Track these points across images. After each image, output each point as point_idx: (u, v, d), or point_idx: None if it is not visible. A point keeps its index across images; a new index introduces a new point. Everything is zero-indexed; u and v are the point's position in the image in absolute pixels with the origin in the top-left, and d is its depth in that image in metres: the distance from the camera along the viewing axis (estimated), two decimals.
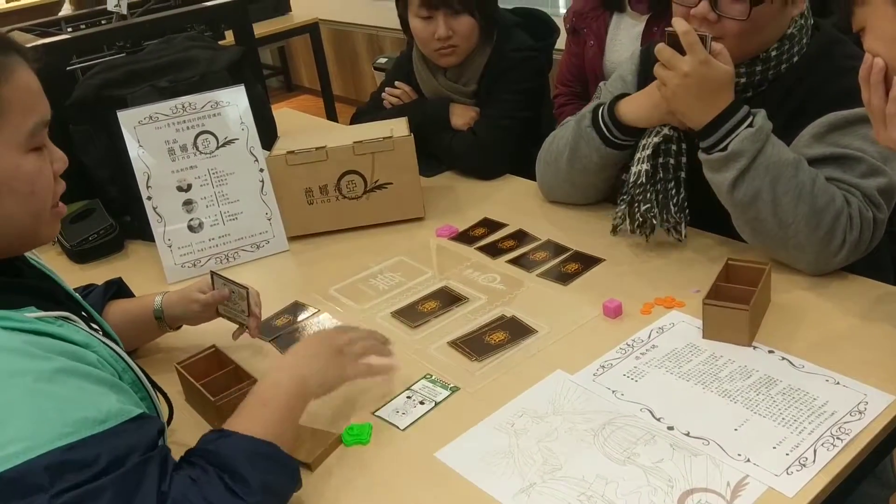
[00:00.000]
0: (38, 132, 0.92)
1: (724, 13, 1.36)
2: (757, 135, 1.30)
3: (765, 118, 1.32)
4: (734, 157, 1.31)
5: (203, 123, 1.67)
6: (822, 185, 1.29)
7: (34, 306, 0.91)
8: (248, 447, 0.95)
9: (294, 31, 4.45)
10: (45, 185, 0.94)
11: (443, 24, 1.88)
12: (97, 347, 0.95)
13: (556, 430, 1.11)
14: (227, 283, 1.32)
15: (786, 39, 1.41)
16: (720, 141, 1.32)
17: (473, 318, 1.39)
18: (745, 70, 1.43)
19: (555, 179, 1.72)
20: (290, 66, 6.52)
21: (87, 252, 1.80)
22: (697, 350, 1.23)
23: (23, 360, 0.83)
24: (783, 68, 1.43)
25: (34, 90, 0.93)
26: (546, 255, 1.56)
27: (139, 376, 1.04)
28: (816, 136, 1.34)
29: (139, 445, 0.86)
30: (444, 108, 1.99)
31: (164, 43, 1.97)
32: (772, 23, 1.38)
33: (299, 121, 2.66)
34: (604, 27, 2.17)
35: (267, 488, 0.92)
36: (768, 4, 1.35)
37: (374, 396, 1.21)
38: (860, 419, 1.05)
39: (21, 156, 0.90)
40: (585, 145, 1.59)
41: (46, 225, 0.97)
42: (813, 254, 1.32)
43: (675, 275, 1.43)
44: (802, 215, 1.29)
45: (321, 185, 1.72)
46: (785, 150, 1.31)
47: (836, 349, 1.19)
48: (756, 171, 1.30)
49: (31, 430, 0.79)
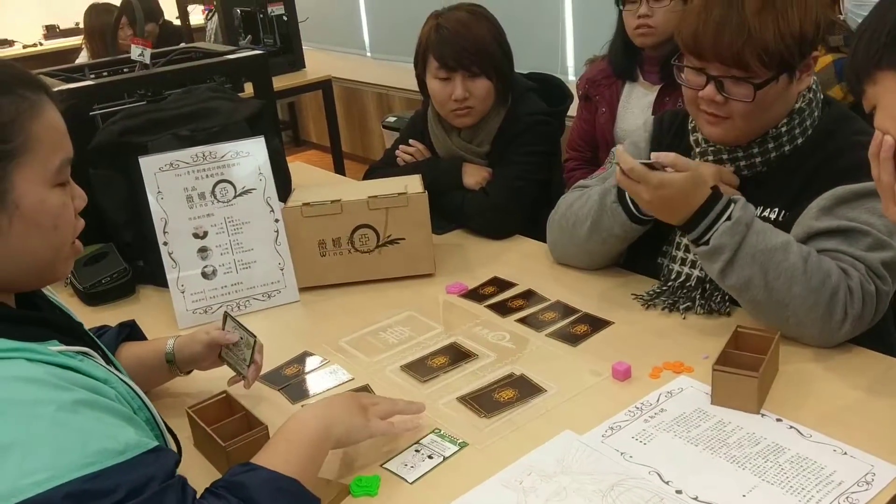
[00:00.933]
0: (64, 169, 0.96)
1: (730, 95, 1.40)
2: (735, 227, 1.33)
3: (744, 207, 1.34)
4: (717, 250, 1.34)
5: (222, 172, 1.70)
6: (815, 263, 1.31)
7: (57, 340, 0.94)
8: (273, 482, 0.97)
9: (308, 87, 4.54)
10: (68, 220, 0.97)
11: (460, 85, 1.93)
12: (115, 384, 0.97)
13: (564, 490, 1.11)
14: (237, 328, 1.33)
15: (795, 114, 1.45)
16: (702, 235, 1.36)
17: (482, 374, 1.40)
18: (757, 150, 1.47)
19: (570, 246, 1.73)
20: (298, 121, 6.62)
21: (100, 295, 1.81)
22: (706, 415, 1.24)
23: (46, 391, 0.85)
24: (799, 143, 1.46)
25: (61, 129, 0.96)
26: (555, 315, 1.58)
27: (154, 415, 1.05)
28: (824, 209, 1.37)
29: (158, 475, 0.88)
30: (456, 167, 2.03)
31: (186, 93, 2.02)
32: (778, 101, 1.42)
33: (312, 175, 2.70)
34: (616, 95, 2.23)
35: None
36: (773, 85, 1.39)
37: (381, 449, 1.22)
38: (867, 490, 1.06)
39: (47, 191, 0.93)
40: (609, 219, 1.61)
41: (64, 261, 1.00)
42: (815, 329, 1.34)
43: (683, 340, 1.45)
44: (798, 296, 1.31)
45: (334, 238, 1.75)
46: (772, 235, 1.34)
47: (842, 420, 1.20)
48: (742, 260, 1.33)
49: (52, 460, 0.81)
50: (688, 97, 1.49)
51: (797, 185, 1.44)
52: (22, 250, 0.93)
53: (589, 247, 1.68)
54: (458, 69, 1.92)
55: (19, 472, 0.80)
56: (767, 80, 1.38)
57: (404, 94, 5.10)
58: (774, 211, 1.47)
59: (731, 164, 1.50)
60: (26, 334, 0.90)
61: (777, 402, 1.25)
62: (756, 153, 1.48)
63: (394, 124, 4.32)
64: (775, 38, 1.34)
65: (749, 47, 1.35)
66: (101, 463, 0.83)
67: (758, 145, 1.47)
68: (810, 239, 1.37)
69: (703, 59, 1.41)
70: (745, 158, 1.49)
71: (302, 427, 1.08)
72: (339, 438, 1.12)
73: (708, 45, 1.38)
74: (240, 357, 1.33)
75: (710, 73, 1.41)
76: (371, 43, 5.96)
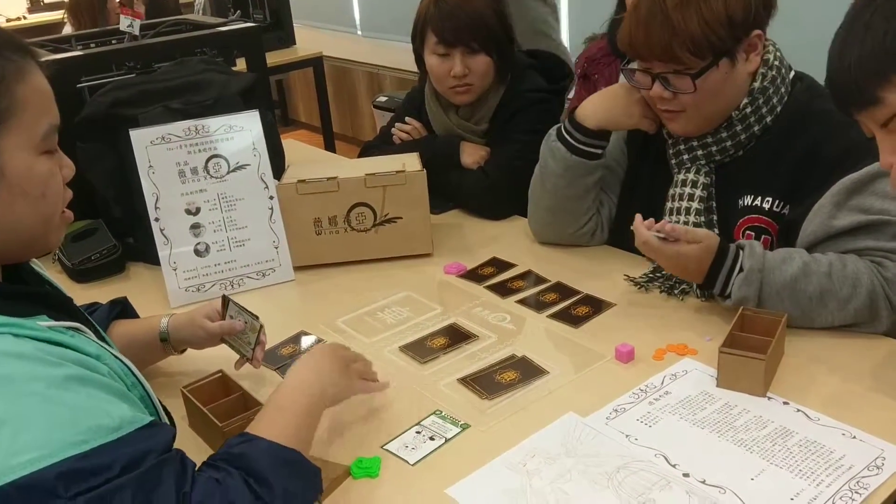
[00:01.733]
0: (51, 135, 0.93)
1: (676, 89, 1.43)
2: (749, 276, 1.32)
3: (751, 255, 1.33)
4: (741, 301, 1.34)
5: (215, 147, 1.66)
6: (839, 272, 1.31)
7: (46, 315, 0.90)
8: (274, 452, 0.95)
9: (298, 63, 4.48)
10: (56, 189, 0.94)
11: (459, 62, 1.89)
12: (108, 360, 0.94)
13: (569, 472, 1.09)
14: (240, 312, 1.30)
15: (757, 94, 1.45)
16: (723, 290, 1.36)
17: (483, 356, 1.38)
18: (726, 134, 1.48)
19: (534, 210, 1.74)
20: (287, 100, 6.54)
21: (88, 272, 1.77)
22: (711, 398, 1.22)
23: (35, 367, 0.82)
24: (768, 121, 1.46)
25: (47, 93, 0.93)
26: (556, 296, 1.55)
27: (148, 392, 1.02)
28: (837, 204, 1.35)
29: (154, 449, 0.85)
30: (454, 146, 1.99)
31: (178, 65, 1.97)
32: (727, 85, 1.43)
33: (306, 152, 2.66)
34: (615, 73, 2.20)
35: (288, 494, 0.92)
36: (714, 71, 1.40)
37: (382, 430, 1.19)
38: (878, 474, 1.04)
39: (34, 158, 0.90)
40: (552, 160, 1.64)
41: (55, 231, 0.97)
42: (869, 328, 1.34)
43: (687, 322, 1.43)
44: (835, 309, 1.32)
45: (330, 216, 1.71)
46: (788, 265, 1.32)
47: (850, 403, 1.18)
48: (770, 300, 1.33)
49: (43, 438, 0.78)
50: (646, 98, 1.52)
51: (788, 173, 1.43)
52: (9, 219, 0.90)
53: (545, 202, 1.70)
54: (457, 45, 1.88)
55: (9, 451, 0.77)
56: (704, 68, 1.39)
57: (395, 74, 5.04)
58: (768, 201, 1.45)
59: (702, 150, 1.51)
60: (13, 309, 0.87)
61: (784, 385, 1.23)
62: (725, 137, 1.49)
63: (385, 104, 4.27)
64: (701, 27, 1.36)
65: (676, 41, 1.37)
66: (94, 440, 0.81)
67: (725, 129, 1.48)
68: (832, 239, 1.36)
69: (643, 59, 1.44)
70: (716, 144, 1.50)
71: (295, 394, 1.07)
72: (332, 399, 1.13)
73: (640, 44, 1.42)
74: (244, 341, 1.30)
75: (654, 72, 1.44)
76: (362, 21, 5.89)
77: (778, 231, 1.45)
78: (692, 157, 1.53)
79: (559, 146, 1.62)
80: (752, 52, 1.43)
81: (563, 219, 1.70)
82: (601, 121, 1.59)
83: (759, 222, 1.46)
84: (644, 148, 1.65)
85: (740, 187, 1.49)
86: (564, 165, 1.62)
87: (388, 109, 4.05)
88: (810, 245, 1.37)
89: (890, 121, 1.02)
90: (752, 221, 1.47)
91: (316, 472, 1.00)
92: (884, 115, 1.02)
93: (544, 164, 1.67)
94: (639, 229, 1.37)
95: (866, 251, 1.34)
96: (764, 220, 1.46)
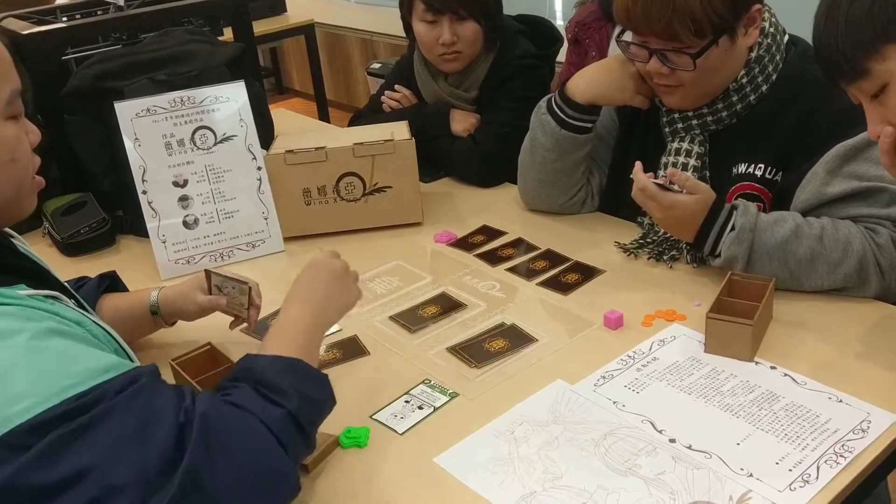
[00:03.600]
0: (14, 100, 0.92)
1: (674, 66, 1.39)
2: (740, 235, 1.31)
3: (744, 213, 1.33)
4: (730, 261, 1.33)
5: (201, 118, 1.64)
6: (831, 235, 1.30)
7: (25, 284, 0.90)
8: (277, 362, 0.97)
9: (289, 31, 4.43)
10: (25, 153, 0.94)
11: (448, 29, 1.87)
12: (89, 326, 0.94)
13: (556, 440, 1.09)
14: (225, 280, 1.30)
15: (753, 64, 1.43)
16: (713, 248, 1.35)
17: (473, 324, 1.38)
18: (722, 104, 1.46)
19: (524, 181, 1.73)
20: (281, 68, 6.49)
21: (78, 245, 1.77)
22: (699, 364, 1.22)
23: (17, 322, 0.82)
24: (764, 90, 1.44)
25: (6, 59, 0.92)
26: (546, 264, 1.55)
27: (132, 358, 1.03)
28: (831, 171, 1.34)
29: (144, 373, 0.86)
30: (444, 113, 1.98)
31: (163, 35, 1.94)
32: (727, 60, 1.40)
33: (296, 122, 2.64)
34: (606, 38, 2.18)
35: (303, 395, 0.93)
36: (713, 49, 1.36)
37: (370, 400, 1.20)
38: (863, 437, 1.05)
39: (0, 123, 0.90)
40: (542, 133, 1.61)
41: (28, 196, 0.97)
42: (858, 291, 1.33)
43: (675, 288, 1.43)
44: (825, 272, 1.31)
45: (319, 186, 1.71)
46: (780, 227, 1.32)
47: (837, 368, 1.19)
48: (759, 262, 1.32)
49: (35, 386, 0.78)
50: (640, 70, 1.48)
51: (781, 140, 1.42)
52: None
53: (535, 174, 1.68)
54: (445, 12, 1.86)
55: (3, 401, 0.77)
56: (704, 47, 1.36)
57: (389, 40, 4.99)
58: (760, 167, 1.44)
59: (697, 119, 1.49)
60: None
61: (771, 350, 1.23)
62: (721, 108, 1.47)
63: (378, 71, 4.23)
64: (702, 6, 1.32)
65: (677, 19, 1.33)
66: (86, 382, 0.81)
67: (721, 101, 1.46)
68: (825, 205, 1.35)
69: (639, 34, 1.40)
70: (712, 114, 1.48)
71: (295, 319, 1.08)
72: (332, 319, 1.14)
73: (639, 21, 1.37)
74: (236, 303, 1.30)
75: (651, 47, 1.40)
76: None
77: (771, 198, 1.44)
78: (686, 126, 1.51)
79: (549, 120, 1.60)
80: (752, 25, 1.40)
81: (553, 190, 1.69)
82: (593, 96, 1.56)
83: (752, 189, 1.45)
84: (635, 115, 1.64)
85: (734, 155, 1.48)
86: (554, 139, 1.60)
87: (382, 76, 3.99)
88: (803, 212, 1.37)
89: (880, 92, 1.00)
90: (745, 189, 1.46)
91: (325, 379, 1.00)
92: (872, 87, 1.01)
93: (534, 137, 1.65)
94: (638, 175, 1.35)
95: (860, 218, 1.33)
96: (756, 187, 1.45)
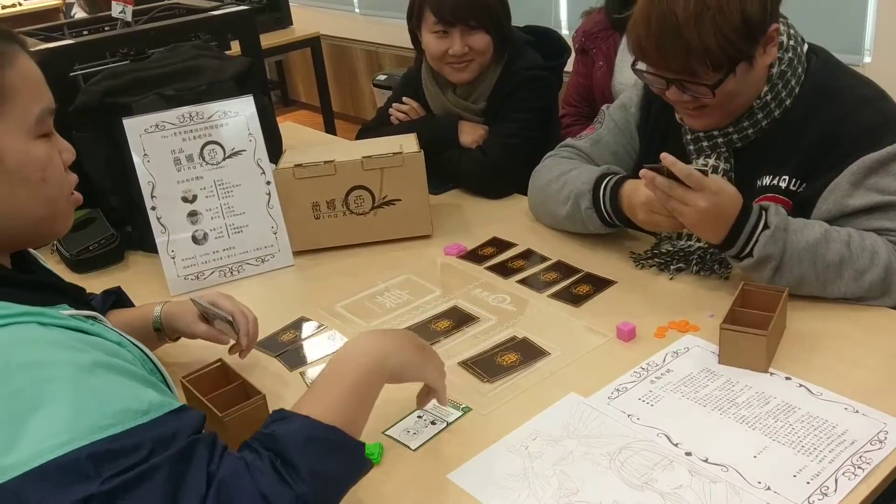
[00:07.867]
0: (45, 119, 0.92)
1: (694, 94, 1.36)
2: (776, 234, 1.29)
3: (776, 212, 1.31)
4: (764, 260, 1.30)
5: (210, 133, 1.64)
6: (858, 243, 1.29)
7: (66, 304, 0.91)
8: (306, 431, 0.90)
9: (295, 44, 4.44)
10: (56, 173, 0.94)
11: (459, 40, 1.86)
12: (129, 347, 0.94)
13: (571, 454, 1.08)
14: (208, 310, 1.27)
15: (776, 80, 1.40)
16: (743, 248, 1.31)
17: (484, 338, 1.37)
18: (747, 122, 1.43)
19: (547, 217, 1.72)
20: (287, 80, 6.50)
21: (87, 262, 1.77)
22: (713, 375, 1.21)
23: (61, 352, 0.82)
24: (788, 103, 1.42)
25: (37, 78, 0.93)
26: (556, 275, 1.54)
27: (166, 379, 1.03)
28: (855, 183, 1.33)
29: (185, 429, 0.84)
30: (452, 125, 1.97)
31: (171, 51, 1.95)
32: (747, 82, 1.37)
33: (303, 135, 2.64)
34: (613, 48, 2.17)
35: (317, 475, 0.87)
36: (731, 77, 1.33)
37: (383, 415, 1.19)
38: (881, 448, 1.04)
39: (30, 142, 0.90)
40: (583, 221, 1.58)
41: (63, 216, 0.97)
42: (875, 302, 1.32)
43: (688, 298, 1.42)
44: (850, 279, 1.30)
45: (328, 200, 1.70)
46: (809, 230, 1.30)
47: (853, 377, 1.17)
48: (790, 263, 1.30)
49: (72, 422, 0.77)
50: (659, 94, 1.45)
51: (805, 151, 1.40)
52: (13, 206, 0.90)
53: (566, 226, 1.67)
54: (456, 23, 1.86)
55: (38, 435, 0.76)
56: (721, 79, 1.33)
57: (394, 52, 5.00)
58: (784, 179, 1.43)
59: (723, 138, 1.47)
60: (35, 298, 0.87)
61: (785, 360, 1.22)
62: (746, 126, 1.44)
63: (384, 82, 4.24)
64: (717, 40, 1.27)
65: (693, 57, 1.29)
66: (123, 424, 0.80)
67: (746, 118, 1.43)
68: (847, 217, 1.34)
69: (655, 67, 1.36)
70: (737, 132, 1.46)
71: (351, 366, 0.99)
72: (393, 373, 1.02)
73: (653, 58, 1.35)
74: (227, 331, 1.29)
75: (667, 77, 1.36)
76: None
77: (792, 208, 1.42)
78: (712, 144, 1.48)
79: (594, 216, 1.54)
80: (770, 44, 1.36)
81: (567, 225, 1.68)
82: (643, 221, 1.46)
83: (775, 200, 1.42)
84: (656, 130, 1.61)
85: (759, 168, 1.45)
86: (583, 223, 1.59)
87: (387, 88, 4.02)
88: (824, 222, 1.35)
89: None
90: (768, 199, 1.43)
91: (358, 449, 0.93)
92: None
93: (572, 215, 1.59)
94: (676, 165, 1.26)
95: (881, 231, 1.32)
96: (780, 198, 1.43)
